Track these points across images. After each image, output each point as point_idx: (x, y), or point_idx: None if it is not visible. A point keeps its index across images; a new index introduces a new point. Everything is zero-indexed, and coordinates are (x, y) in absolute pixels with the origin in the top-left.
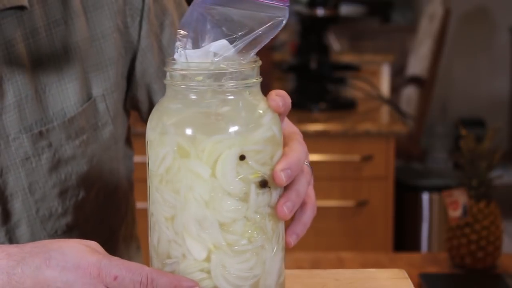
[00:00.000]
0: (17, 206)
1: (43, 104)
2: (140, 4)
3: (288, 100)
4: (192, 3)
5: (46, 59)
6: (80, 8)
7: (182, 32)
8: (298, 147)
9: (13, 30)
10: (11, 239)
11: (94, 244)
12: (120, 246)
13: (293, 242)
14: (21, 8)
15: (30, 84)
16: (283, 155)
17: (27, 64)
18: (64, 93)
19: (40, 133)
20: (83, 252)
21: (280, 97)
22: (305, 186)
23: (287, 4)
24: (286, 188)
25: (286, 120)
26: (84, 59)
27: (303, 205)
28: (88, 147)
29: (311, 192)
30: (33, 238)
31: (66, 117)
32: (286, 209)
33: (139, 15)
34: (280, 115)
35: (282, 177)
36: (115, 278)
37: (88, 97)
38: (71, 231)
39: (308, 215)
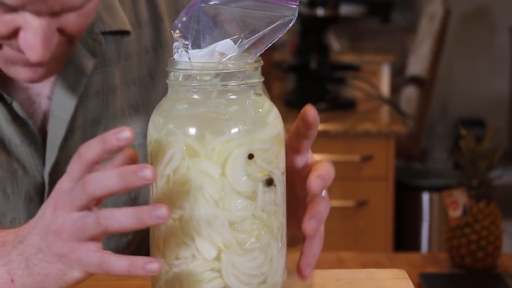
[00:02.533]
0: None
1: (129, 123)
2: None
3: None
4: (191, 3)
5: (134, 83)
6: (170, 38)
7: (178, 32)
8: (328, 165)
9: (111, 51)
10: None
11: None
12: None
13: (308, 274)
14: (125, 33)
15: (120, 103)
16: (314, 168)
17: (119, 84)
18: (147, 117)
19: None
20: None
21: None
22: (327, 211)
23: (297, 3)
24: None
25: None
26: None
27: (312, 239)
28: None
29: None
30: None
31: (145, 139)
32: (311, 225)
33: None
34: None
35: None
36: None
37: None
38: (129, 247)
39: (317, 246)
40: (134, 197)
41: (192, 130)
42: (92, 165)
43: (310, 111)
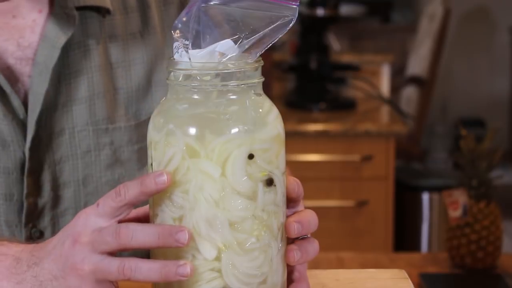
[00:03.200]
0: (68, 195)
1: (112, 105)
2: None
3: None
4: (190, 2)
5: (119, 66)
6: (157, 25)
7: (178, 32)
8: (310, 213)
9: (94, 31)
10: (55, 226)
11: None
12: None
13: None
14: (105, 11)
15: (103, 83)
16: (294, 214)
17: (102, 66)
18: (131, 100)
19: (106, 129)
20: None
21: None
22: (314, 252)
23: (298, 3)
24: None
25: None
26: (153, 73)
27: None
28: (142, 155)
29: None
30: None
31: (131, 122)
32: (295, 256)
33: None
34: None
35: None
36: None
37: (151, 108)
38: None
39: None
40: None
41: (192, 130)
42: (128, 206)
43: (292, 186)
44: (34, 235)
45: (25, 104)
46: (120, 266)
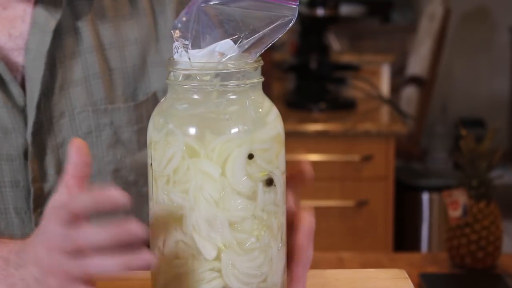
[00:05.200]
0: None
1: (109, 85)
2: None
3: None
4: (190, 2)
5: (112, 47)
6: (148, 8)
7: (178, 32)
8: (310, 217)
9: (84, 12)
10: None
11: None
12: None
13: None
14: None
15: (97, 64)
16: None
17: (94, 47)
18: (127, 80)
19: (105, 110)
20: None
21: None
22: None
23: (297, 3)
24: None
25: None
26: (147, 54)
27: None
28: (142, 136)
29: None
30: None
31: (129, 103)
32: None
33: None
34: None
35: (307, 241)
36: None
37: (148, 89)
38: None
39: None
40: (134, 181)
41: (192, 130)
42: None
43: (306, 167)
44: None
45: (24, 91)
46: (81, 270)
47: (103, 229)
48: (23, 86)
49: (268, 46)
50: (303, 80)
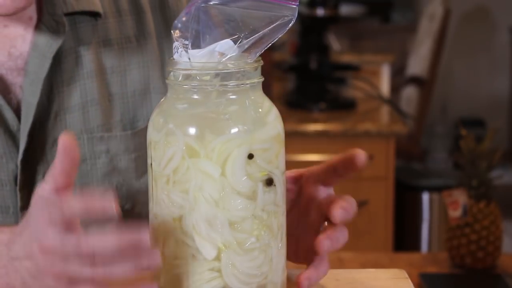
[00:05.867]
0: None
1: (107, 111)
2: None
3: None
4: (190, 2)
5: (113, 71)
6: (153, 31)
7: (178, 32)
8: (351, 199)
9: (87, 36)
10: None
11: None
12: None
13: (304, 286)
14: (96, 15)
15: (96, 90)
16: (336, 200)
17: (95, 71)
18: (127, 106)
19: (101, 137)
20: None
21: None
22: (344, 239)
23: (297, 3)
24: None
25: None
26: (150, 79)
27: (322, 260)
28: (139, 164)
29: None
30: None
31: (127, 131)
32: (325, 244)
33: None
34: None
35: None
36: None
37: (149, 116)
38: None
39: (323, 268)
40: (131, 208)
41: (192, 130)
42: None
43: (361, 157)
44: None
45: (17, 115)
46: (90, 277)
47: (110, 237)
48: (18, 109)
49: (268, 46)
50: (303, 80)
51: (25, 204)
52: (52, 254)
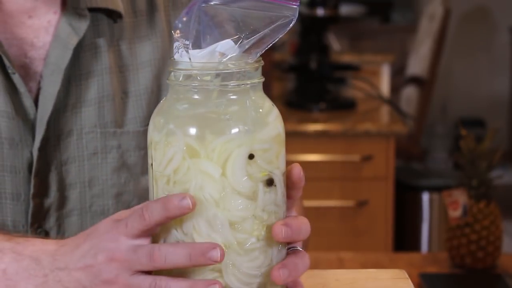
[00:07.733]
0: (74, 196)
1: (121, 108)
2: None
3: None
4: (191, 2)
5: (127, 69)
6: (166, 30)
7: (179, 32)
8: (302, 219)
9: (105, 33)
10: (60, 226)
11: None
12: None
13: (281, 276)
14: (116, 14)
15: (112, 86)
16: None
17: (111, 68)
18: (140, 104)
19: (114, 133)
20: None
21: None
22: (304, 267)
23: (298, 4)
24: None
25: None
26: (162, 77)
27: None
28: (147, 161)
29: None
30: (81, 230)
31: (139, 128)
32: (281, 275)
33: None
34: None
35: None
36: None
37: None
38: None
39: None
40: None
41: (193, 130)
42: (154, 228)
43: (295, 171)
44: (40, 236)
45: (36, 104)
46: (151, 284)
47: (183, 249)
48: (37, 98)
49: (268, 46)
50: (303, 80)
51: (37, 191)
52: (120, 264)
